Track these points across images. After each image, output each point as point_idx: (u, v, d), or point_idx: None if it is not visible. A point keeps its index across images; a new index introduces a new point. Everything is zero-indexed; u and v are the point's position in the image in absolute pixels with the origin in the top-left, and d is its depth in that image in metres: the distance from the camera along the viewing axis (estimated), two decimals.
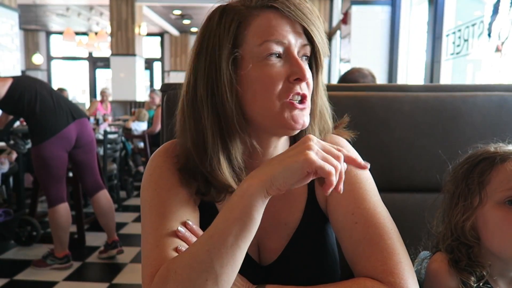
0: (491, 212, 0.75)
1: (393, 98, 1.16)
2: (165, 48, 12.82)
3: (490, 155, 0.80)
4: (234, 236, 0.59)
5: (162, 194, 0.72)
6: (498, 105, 1.14)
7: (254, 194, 0.59)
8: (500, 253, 0.76)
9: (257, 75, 0.68)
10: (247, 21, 0.68)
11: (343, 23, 5.11)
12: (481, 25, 2.72)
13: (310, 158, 0.57)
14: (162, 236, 0.67)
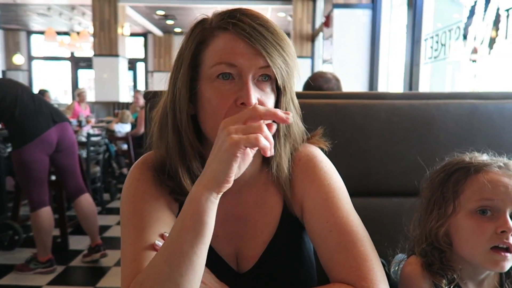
0: (464, 220, 0.79)
1: (371, 106, 1.20)
2: (149, 49, 12.72)
3: (465, 165, 0.83)
4: (189, 243, 0.60)
5: (139, 207, 0.73)
6: (470, 112, 1.19)
7: (202, 199, 0.60)
8: (471, 258, 0.80)
9: (207, 96, 0.71)
10: (207, 42, 0.71)
11: (325, 25, 5.17)
12: (457, 30, 2.80)
13: (234, 140, 0.58)
14: (139, 250, 0.69)
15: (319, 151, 0.85)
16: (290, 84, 0.73)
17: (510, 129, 1.19)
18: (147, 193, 0.75)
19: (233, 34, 0.69)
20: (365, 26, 4.58)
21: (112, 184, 4.93)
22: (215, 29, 0.71)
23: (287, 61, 0.71)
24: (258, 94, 0.69)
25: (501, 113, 1.19)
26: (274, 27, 0.71)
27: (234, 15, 0.70)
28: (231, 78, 0.69)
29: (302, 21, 7.72)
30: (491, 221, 0.76)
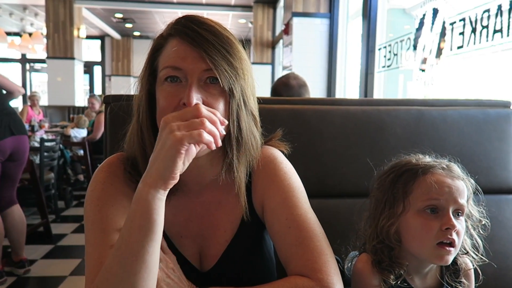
0: (413, 218, 0.85)
1: (326, 111, 1.26)
2: (106, 52, 12.40)
3: (412, 167, 0.89)
4: (140, 242, 0.62)
5: (105, 210, 0.74)
6: (417, 118, 1.28)
7: (149, 197, 0.62)
8: (419, 254, 0.86)
9: (158, 97, 0.75)
10: (160, 49, 0.76)
11: (285, 33, 5.28)
12: (408, 41, 2.96)
13: (177, 137, 0.60)
14: (105, 253, 0.69)
15: (279, 153, 0.89)
16: (239, 87, 0.74)
17: (452, 134, 1.29)
18: (112, 196, 0.75)
19: (178, 39, 0.73)
20: (323, 34, 4.73)
21: (67, 191, 4.75)
22: (166, 36, 0.76)
23: (232, 64, 0.73)
24: (204, 95, 0.71)
25: (444, 119, 1.29)
26: (220, 31, 0.73)
27: (180, 22, 0.74)
28: (179, 81, 0.72)
29: (262, 28, 7.83)
30: (436, 219, 0.82)
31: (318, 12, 4.82)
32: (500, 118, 1.32)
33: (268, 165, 0.85)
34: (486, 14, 2.01)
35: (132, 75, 12.24)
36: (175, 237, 0.81)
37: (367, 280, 0.87)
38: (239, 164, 0.79)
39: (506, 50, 2.01)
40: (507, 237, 1.31)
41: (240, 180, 0.80)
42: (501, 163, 1.31)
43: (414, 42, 2.87)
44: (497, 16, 1.92)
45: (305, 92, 2.20)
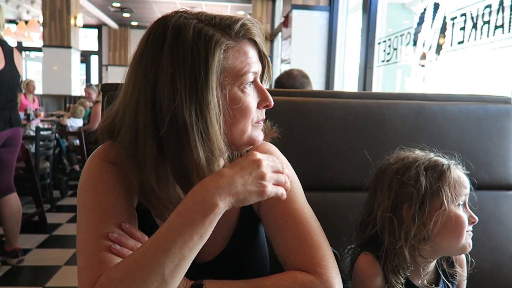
0: (453, 213, 0.86)
1: (326, 104, 1.25)
2: (103, 41, 12.31)
3: (436, 164, 0.89)
4: (194, 250, 0.64)
5: (103, 197, 0.72)
6: (417, 112, 1.27)
7: (218, 213, 0.65)
8: (452, 247, 0.88)
9: (238, 97, 0.74)
10: (230, 49, 0.71)
11: (284, 25, 5.25)
12: (408, 36, 2.95)
13: (266, 191, 0.67)
14: (103, 240, 0.67)
15: (276, 149, 0.89)
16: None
17: (451, 129, 1.28)
18: (111, 184, 0.73)
19: (248, 42, 0.75)
20: (322, 28, 4.71)
21: (63, 181, 4.73)
22: (234, 37, 0.72)
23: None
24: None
25: (444, 114, 1.28)
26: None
27: (244, 24, 0.73)
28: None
29: (261, 20, 7.79)
30: (464, 212, 0.88)
31: (317, 5, 4.79)
32: (500, 114, 1.32)
33: None
34: (488, 10, 2.00)
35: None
36: None
37: (371, 279, 0.87)
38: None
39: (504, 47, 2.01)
40: (504, 233, 1.31)
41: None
42: (500, 159, 1.31)
43: (414, 37, 2.85)
44: (498, 12, 1.91)
45: (307, 84, 2.22)
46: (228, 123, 0.72)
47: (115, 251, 0.67)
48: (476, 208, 0.99)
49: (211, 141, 0.69)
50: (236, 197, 0.66)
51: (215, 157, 0.70)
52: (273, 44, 7.65)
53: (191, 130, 0.67)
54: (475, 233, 1.34)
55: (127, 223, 0.71)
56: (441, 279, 0.93)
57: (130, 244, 0.69)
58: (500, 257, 1.31)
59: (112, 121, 0.77)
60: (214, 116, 0.69)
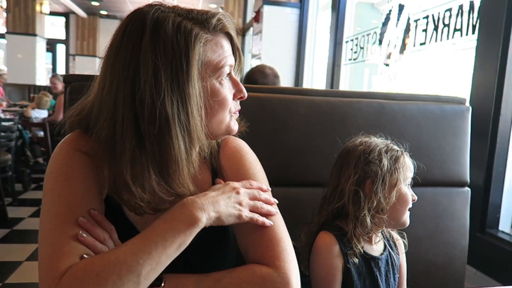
0: (404, 190, 1.03)
1: (292, 101, 1.28)
2: (71, 30, 11.90)
3: (395, 148, 1.06)
4: (170, 257, 0.67)
5: (73, 186, 0.71)
6: (378, 110, 1.32)
7: (199, 226, 0.69)
8: (399, 219, 1.04)
9: (217, 89, 0.77)
10: (209, 42, 0.74)
11: (255, 21, 5.25)
12: (374, 35, 3.03)
13: (242, 215, 0.74)
14: (70, 229, 0.67)
15: (246, 144, 0.92)
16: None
17: (410, 127, 1.34)
18: (81, 173, 0.72)
19: (224, 36, 0.78)
20: (293, 24, 4.75)
21: (26, 174, 4.58)
22: (212, 30, 0.75)
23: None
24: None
25: (403, 113, 1.34)
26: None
27: (220, 19, 0.76)
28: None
29: (233, 14, 7.75)
30: (409, 191, 1.05)
31: (289, 1, 4.82)
32: (455, 114, 1.39)
33: (234, 155, 0.87)
34: (448, 13, 2.08)
35: (98, 56, 11.81)
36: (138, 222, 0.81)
37: (330, 252, 1.00)
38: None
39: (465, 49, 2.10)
40: (456, 228, 1.39)
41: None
42: (454, 158, 1.38)
43: (380, 36, 2.93)
44: (457, 15, 2.00)
45: (278, 82, 2.27)
46: (207, 114, 0.75)
47: (82, 238, 0.67)
48: (429, 204, 1.07)
49: (192, 132, 0.71)
50: (217, 216, 0.71)
51: (195, 147, 0.74)
52: (245, 39, 7.64)
53: (172, 122, 0.69)
54: (430, 228, 1.41)
55: (93, 208, 0.71)
56: (386, 248, 1.08)
57: (98, 232, 0.69)
58: (452, 251, 1.38)
59: (87, 113, 0.76)
60: (196, 107, 0.71)
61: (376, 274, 1.03)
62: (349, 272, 1.00)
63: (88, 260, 0.64)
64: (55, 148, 0.78)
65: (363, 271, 1.02)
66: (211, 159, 0.86)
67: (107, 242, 0.71)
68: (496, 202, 1.68)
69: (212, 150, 0.86)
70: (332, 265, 0.99)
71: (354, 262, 1.00)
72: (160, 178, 0.72)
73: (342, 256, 1.00)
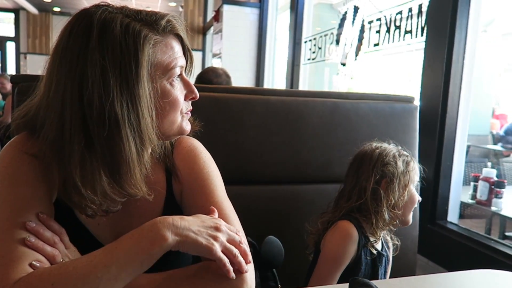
0: (413, 192, 1.17)
1: (247, 100, 1.29)
2: (21, 27, 11.36)
3: (406, 153, 1.19)
4: (130, 276, 0.65)
5: (20, 189, 0.69)
6: (332, 109, 1.36)
7: (165, 247, 0.66)
8: (406, 217, 1.17)
9: (167, 91, 0.76)
10: (158, 44, 0.73)
11: (215, 20, 5.24)
12: (331, 36, 3.11)
13: (213, 249, 0.68)
14: (18, 233, 0.65)
15: (200, 144, 0.92)
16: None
17: (363, 125, 1.39)
18: (29, 176, 0.70)
19: (174, 37, 0.77)
20: (253, 24, 4.78)
21: None
22: (161, 32, 0.74)
23: None
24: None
25: (356, 111, 1.38)
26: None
27: (170, 20, 0.75)
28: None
29: (193, 13, 7.68)
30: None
31: (248, 1, 4.85)
32: (405, 112, 1.46)
33: (188, 154, 0.87)
34: (399, 16, 2.17)
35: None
36: (90, 224, 0.79)
37: (350, 238, 1.10)
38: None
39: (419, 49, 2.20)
40: None
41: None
42: None
43: (337, 37, 3.01)
44: (408, 18, 2.09)
45: (229, 82, 2.30)
46: (159, 115, 0.74)
47: (29, 243, 0.65)
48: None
49: (143, 133, 0.70)
50: (184, 240, 0.67)
51: (146, 148, 0.72)
52: (205, 37, 7.60)
53: (122, 123, 0.68)
54: None
55: (41, 212, 0.69)
56: (384, 246, 1.21)
57: (47, 235, 0.68)
58: (404, 241, 1.45)
59: (34, 115, 0.74)
60: (146, 109, 0.70)
61: (378, 267, 1.16)
62: (359, 260, 1.11)
63: (46, 269, 0.63)
64: (1, 151, 0.75)
65: (369, 262, 1.14)
66: (165, 159, 0.85)
67: (58, 245, 0.69)
68: (445, 195, 1.77)
69: (166, 150, 0.86)
70: (347, 249, 1.10)
71: (371, 252, 1.13)
72: (112, 179, 0.70)
73: (357, 245, 1.10)
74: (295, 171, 1.34)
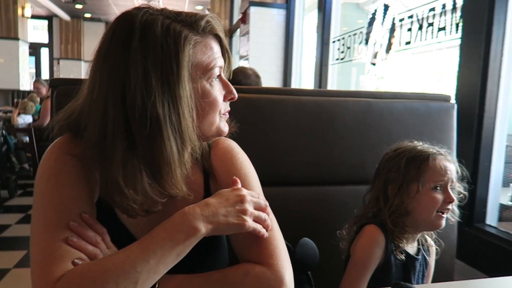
0: (426, 195, 1.08)
1: (279, 101, 1.29)
2: (54, 34, 11.76)
3: (422, 153, 1.10)
4: (167, 267, 0.66)
5: (63, 190, 0.70)
6: (365, 109, 1.34)
7: (198, 237, 0.68)
8: (424, 222, 1.10)
9: (207, 91, 0.77)
10: (199, 44, 0.74)
11: (242, 22, 5.26)
12: (360, 35, 3.06)
13: (245, 225, 0.72)
14: (61, 232, 0.66)
15: (236, 145, 0.92)
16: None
17: (397, 125, 1.36)
18: (72, 177, 0.72)
19: (213, 38, 0.78)
20: (280, 25, 4.76)
21: (11, 180, 4.51)
22: (201, 32, 0.75)
23: None
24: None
25: (390, 111, 1.35)
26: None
27: (209, 20, 0.76)
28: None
29: (219, 16, 7.72)
30: (441, 194, 1.08)
31: (275, 2, 4.84)
32: (441, 111, 1.41)
33: (225, 155, 0.87)
34: (432, 13, 2.11)
35: (83, 59, 11.69)
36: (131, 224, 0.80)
37: (377, 242, 1.08)
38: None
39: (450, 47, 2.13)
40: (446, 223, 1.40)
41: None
42: None
43: (366, 36, 2.96)
44: (441, 15, 2.03)
45: (259, 82, 2.29)
46: (198, 115, 0.75)
47: (72, 243, 0.66)
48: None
49: (184, 133, 0.71)
50: (216, 226, 0.70)
51: (187, 148, 0.73)
52: (232, 40, 7.64)
53: (164, 124, 0.68)
54: None
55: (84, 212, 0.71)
56: (421, 251, 1.17)
57: (89, 235, 0.69)
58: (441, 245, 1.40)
59: (77, 117, 0.76)
60: (187, 109, 0.71)
61: (410, 271, 1.12)
62: (388, 264, 1.08)
63: (85, 266, 0.64)
64: (45, 152, 0.77)
65: (400, 266, 1.11)
66: (202, 160, 0.86)
67: (99, 245, 0.70)
68: (483, 197, 1.71)
69: (203, 151, 0.86)
70: (372, 254, 1.08)
71: (399, 257, 1.09)
72: (153, 179, 0.71)
73: (385, 250, 1.08)
74: (327, 172, 1.32)
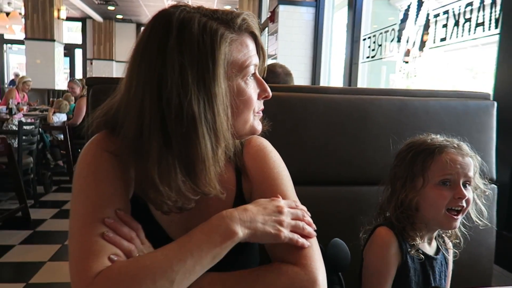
0: (431, 190, 1.02)
1: (310, 99, 1.27)
2: (88, 35, 12.12)
3: (429, 146, 1.04)
4: (203, 269, 0.66)
5: (101, 186, 0.72)
6: (399, 107, 1.30)
7: (235, 241, 0.68)
8: (434, 219, 1.04)
9: (242, 89, 0.77)
10: (235, 42, 0.74)
11: (271, 21, 5.25)
12: (392, 32, 2.99)
13: (281, 235, 0.71)
14: (97, 227, 0.67)
15: (269, 143, 0.92)
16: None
17: (433, 124, 1.31)
18: (110, 173, 0.73)
19: (249, 36, 0.77)
20: (309, 23, 4.72)
21: (47, 176, 4.66)
22: (237, 30, 0.75)
23: None
24: None
25: (425, 109, 1.31)
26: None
27: (245, 19, 0.76)
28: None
29: None
30: (449, 190, 1.01)
31: (304, 0, 4.80)
32: (479, 110, 1.35)
33: (258, 153, 0.87)
34: (469, 8, 2.04)
35: (115, 59, 11.99)
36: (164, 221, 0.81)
37: (389, 245, 1.03)
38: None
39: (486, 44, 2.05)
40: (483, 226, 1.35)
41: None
42: (480, 155, 1.34)
43: (398, 33, 2.89)
44: (479, 10, 1.95)
45: (290, 81, 2.23)
46: (233, 113, 0.75)
47: (107, 238, 0.67)
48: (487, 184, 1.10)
49: (218, 131, 0.71)
50: (253, 232, 0.70)
51: (221, 146, 0.73)
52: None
53: (199, 121, 0.69)
54: None
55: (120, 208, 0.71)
56: (440, 251, 1.12)
57: (124, 231, 0.70)
58: (479, 249, 1.35)
59: (114, 114, 0.77)
60: (222, 107, 0.71)
61: (429, 272, 1.07)
62: (405, 267, 1.03)
63: (123, 263, 0.65)
64: (83, 149, 0.78)
65: (418, 267, 1.06)
66: (235, 158, 0.85)
67: (134, 240, 0.71)
68: None
69: (236, 149, 0.86)
70: (387, 259, 1.03)
71: (418, 257, 1.04)
72: (187, 177, 0.71)
73: (400, 251, 1.03)
74: (359, 172, 1.29)
